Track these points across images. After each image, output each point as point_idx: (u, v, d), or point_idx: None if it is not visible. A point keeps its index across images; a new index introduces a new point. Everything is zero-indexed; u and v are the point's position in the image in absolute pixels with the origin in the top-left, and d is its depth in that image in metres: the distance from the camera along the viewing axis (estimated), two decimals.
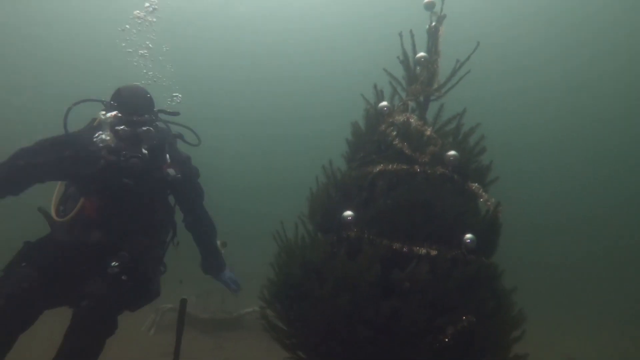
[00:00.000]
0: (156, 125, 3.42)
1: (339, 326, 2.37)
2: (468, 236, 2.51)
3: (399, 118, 2.84)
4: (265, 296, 2.79)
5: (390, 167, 2.71)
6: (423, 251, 2.46)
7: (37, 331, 3.09)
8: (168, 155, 3.48)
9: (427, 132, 2.78)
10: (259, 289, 2.81)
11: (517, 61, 14.75)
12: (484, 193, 2.77)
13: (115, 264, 3.15)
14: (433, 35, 3.07)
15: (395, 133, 2.81)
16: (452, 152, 2.71)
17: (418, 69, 3.04)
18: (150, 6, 4.59)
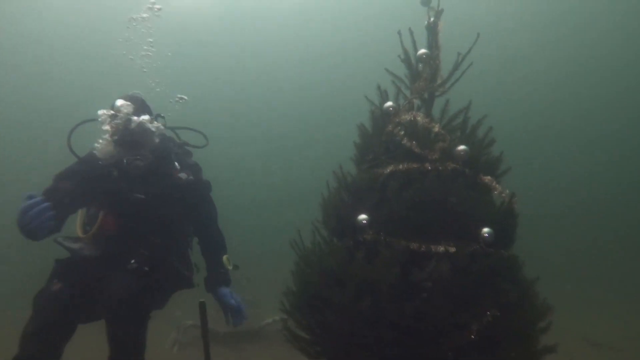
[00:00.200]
0: (161, 133, 3.42)
1: (362, 331, 2.35)
2: (485, 230, 2.48)
3: (406, 117, 2.82)
4: (285, 306, 2.78)
5: (401, 167, 2.69)
6: (441, 249, 2.44)
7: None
8: (177, 163, 3.46)
9: (435, 129, 2.76)
10: (278, 300, 2.80)
11: (521, 49, 14.63)
12: (497, 185, 2.74)
13: (134, 261, 3.21)
14: (432, 31, 3.05)
15: (402, 132, 2.80)
16: (461, 147, 2.68)
17: (420, 66, 3.03)
18: (152, 6, 4.45)
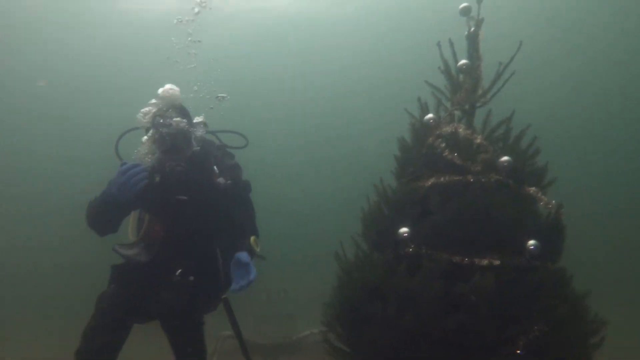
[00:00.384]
0: (200, 135, 3.51)
1: (404, 346, 2.32)
2: (531, 242, 2.42)
3: (447, 129, 2.79)
4: (326, 319, 2.77)
5: (442, 179, 2.66)
6: (485, 262, 2.39)
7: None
8: (215, 167, 3.49)
9: (477, 140, 2.72)
10: (315, 312, 2.79)
11: (569, 54, 14.21)
12: (542, 196, 2.68)
13: (180, 271, 3.33)
14: (473, 41, 3.02)
15: (444, 145, 2.76)
16: (505, 158, 2.63)
17: (461, 76, 3.00)
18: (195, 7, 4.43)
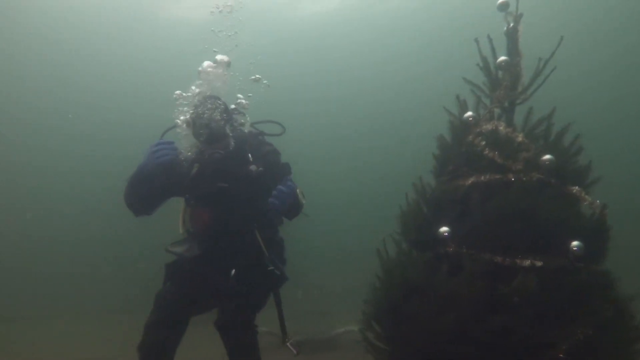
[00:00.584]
0: (236, 126, 3.66)
1: (444, 346, 2.30)
2: (575, 243, 2.38)
3: (487, 127, 2.75)
4: (365, 317, 2.77)
5: (483, 178, 2.63)
6: (527, 263, 2.35)
7: None
8: (250, 155, 3.60)
9: (519, 138, 2.67)
10: (350, 309, 2.78)
11: (611, 45, 13.80)
12: (586, 196, 2.62)
13: (233, 272, 3.50)
14: (512, 36, 2.97)
15: (484, 143, 2.73)
16: (547, 156, 2.59)
17: (500, 73, 2.95)
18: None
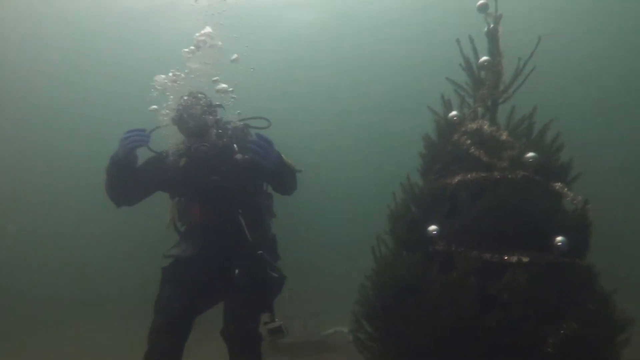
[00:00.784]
0: (222, 121, 3.71)
1: (437, 344, 2.34)
2: (559, 239, 2.44)
3: (472, 126, 2.80)
4: (356, 317, 2.79)
5: (469, 176, 2.67)
6: (515, 259, 2.40)
7: None
8: (235, 145, 3.67)
9: (503, 137, 2.72)
10: (340, 310, 2.80)
11: (588, 45, 14.06)
12: (568, 192, 2.68)
13: (237, 272, 3.50)
14: (493, 37, 3.02)
15: (469, 141, 2.77)
16: (531, 154, 2.64)
17: (482, 73, 3.00)
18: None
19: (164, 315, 3.41)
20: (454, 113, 2.89)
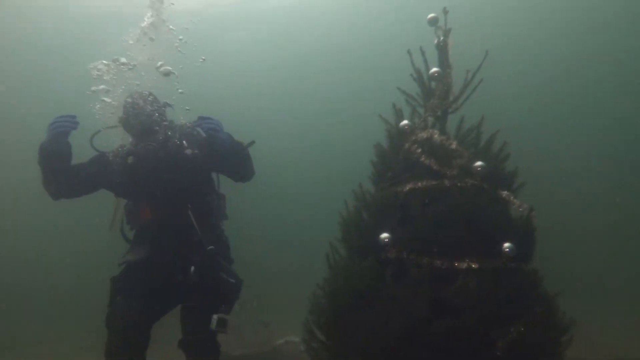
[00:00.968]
0: (169, 121, 3.71)
1: (391, 351, 2.35)
2: (507, 245, 2.50)
3: (422, 135, 2.86)
4: (308, 326, 2.77)
5: (420, 184, 2.72)
6: (464, 265, 2.45)
7: None
8: (185, 142, 3.65)
9: (453, 146, 2.79)
10: (291, 320, 2.78)
11: (532, 58, 14.63)
12: (514, 199, 2.77)
13: (194, 269, 3.46)
14: (442, 49, 3.10)
15: (420, 150, 2.83)
16: (479, 163, 2.72)
17: (433, 84, 3.07)
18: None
19: (119, 330, 3.29)
20: (405, 122, 2.94)
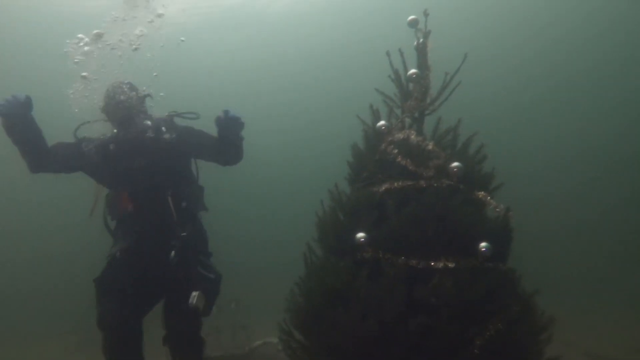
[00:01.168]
0: (147, 113, 3.82)
1: (368, 350, 2.35)
2: (483, 244, 2.51)
3: (399, 135, 2.86)
4: (285, 326, 2.76)
5: (396, 184, 2.73)
6: (441, 265, 2.46)
7: None
8: (163, 128, 3.74)
9: (429, 147, 2.80)
10: (269, 321, 2.77)
11: (509, 62, 14.88)
12: (491, 200, 2.79)
13: (173, 253, 3.49)
14: (421, 51, 3.11)
15: (396, 151, 2.83)
16: (455, 164, 2.72)
17: (411, 85, 3.08)
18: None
19: (113, 331, 3.38)
20: (382, 123, 2.94)
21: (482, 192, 2.79)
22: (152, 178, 3.62)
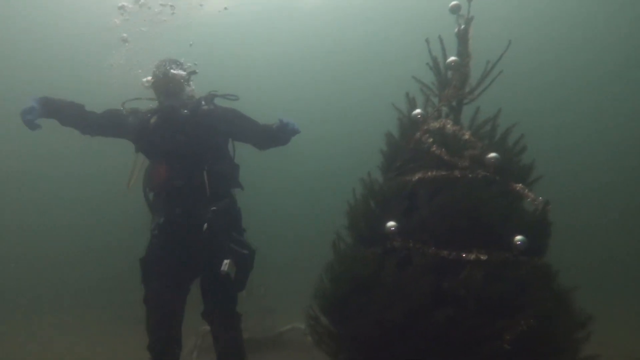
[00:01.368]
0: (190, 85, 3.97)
1: (393, 340, 2.32)
2: (518, 238, 2.43)
3: (434, 124, 2.80)
4: (312, 312, 2.76)
5: (430, 174, 2.67)
6: (472, 257, 2.40)
7: None
8: (203, 102, 3.91)
9: (466, 136, 2.73)
10: (297, 307, 2.77)
11: (551, 55, 14.43)
12: (529, 193, 2.70)
13: (206, 226, 3.60)
14: (462, 38, 3.03)
15: (431, 140, 2.77)
16: (492, 154, 2.65)
17: (449, 73, 3.01)
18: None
19: (158, 310, 3.57)
20: (418, 111, 2.88)
21: (520, 185, 2.71)
22: (190, 152, 3.73)
